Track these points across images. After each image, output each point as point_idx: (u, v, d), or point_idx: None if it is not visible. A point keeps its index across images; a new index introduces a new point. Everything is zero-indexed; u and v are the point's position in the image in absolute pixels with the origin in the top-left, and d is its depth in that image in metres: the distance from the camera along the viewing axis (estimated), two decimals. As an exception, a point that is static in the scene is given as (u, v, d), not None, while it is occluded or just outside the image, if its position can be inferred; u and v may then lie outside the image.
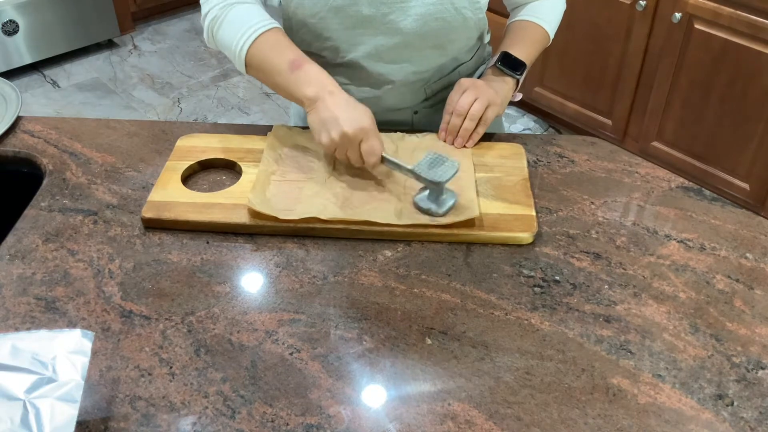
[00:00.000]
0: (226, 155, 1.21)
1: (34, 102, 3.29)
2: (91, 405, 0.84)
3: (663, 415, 0.82)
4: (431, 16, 1.16)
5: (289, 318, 0.94)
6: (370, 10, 1.15)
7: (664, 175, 1.20)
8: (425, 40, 1.19)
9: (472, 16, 1.19)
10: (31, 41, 3.38)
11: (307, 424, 0.81)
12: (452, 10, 1.17)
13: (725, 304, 0.96)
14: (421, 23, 1.16)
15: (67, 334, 0.77)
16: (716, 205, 1.13)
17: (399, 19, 1.16)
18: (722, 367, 0.88)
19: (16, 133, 1.29)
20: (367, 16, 1.16)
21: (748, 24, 2.21)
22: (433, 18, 1.16)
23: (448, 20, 1.17)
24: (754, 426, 0.81)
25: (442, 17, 1.17)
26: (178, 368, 0.88)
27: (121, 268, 1.02)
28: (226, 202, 1.10)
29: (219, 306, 0.96)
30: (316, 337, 0.92)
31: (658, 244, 1.06)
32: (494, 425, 0.81)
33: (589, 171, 1.20)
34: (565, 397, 0.84)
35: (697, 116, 2.46)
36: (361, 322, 0.94)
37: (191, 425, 0.81)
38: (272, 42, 1.14)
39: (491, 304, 0.96)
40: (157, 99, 3.35)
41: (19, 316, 0.95)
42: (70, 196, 1.15)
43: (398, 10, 1.15)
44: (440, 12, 1.16)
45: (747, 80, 2.27)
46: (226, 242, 1.06)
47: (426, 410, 0.83)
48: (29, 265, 1.02)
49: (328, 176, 1.15)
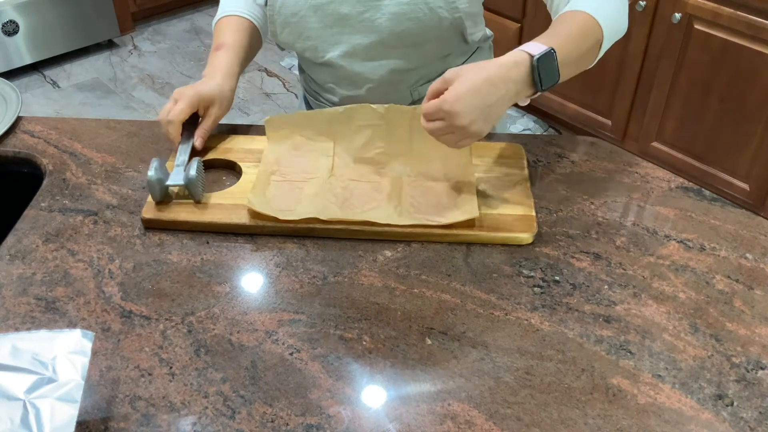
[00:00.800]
0: (226, 155, 1.21)
1: (34, 102, 3.30)
2: (91, 405, 0.84)
3: (663, 416, 0.82)
4: (404, 16, 1.15)
5: (289, 318, 0.95)
6: (347, 8, 1.17)
7: (663, 175, 1.20)
8: (400, 39, 1.18)
9: (448, 15, 1.16)
10: (31, 41, 3.39)
11: (307, 425, 0.81)
12: (426, 9, 1.15)
13: (725, 305, 0.96)
14: (395, 22, 1.16)
15: (67, 335, 0.77)
16: (716, 206, 1.13)
17: (374, 17, 1.16)
18: (722, 367, 0.88)
19: (16, 133, 1.29)
20: (344, 14, 1.17)
21: (748, 24, 2.21)
22: (406, 17, 1.15)
23: (422, 19, 1.16)
24: (753, 426, 0.81)
25: (416, 16, 1.15)
26: (178, 368, 0.88)
27: (121, 268, 1.02)
28: (226, 203, 1.10)
29: (219, 306, 0.96)
30: (316, 338, 0.92)
31: (657, 245, 1.06)
32: (494, 425, 0.81)
33: (589, 171, 1.20)
34: (565, 398, 0.84)
35: (696, 116, 2.46)
36: (361, 323, 0.94)
37: (191, 425, 0.81)
38: (224, 26, 1.29)
39: (491, 304, 0.96)
40: (157, 99, 3.35)
41: (19, 316, 0.95)
42: (70, 197, 1.15)
43: (373, 8, 1.16)
44: (414, 11, 1.15)
45: (747, 80, 2.27)
46: (226, 242, 1.06)
47: (426, 410, 0.83)
48: (29, 265, 1.02)
49: (329, 176, 1.15)
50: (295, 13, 1.19)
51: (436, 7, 1.15)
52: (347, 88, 1.28)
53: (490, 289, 0.99)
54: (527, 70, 0.97)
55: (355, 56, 1.22)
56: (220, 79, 1.21)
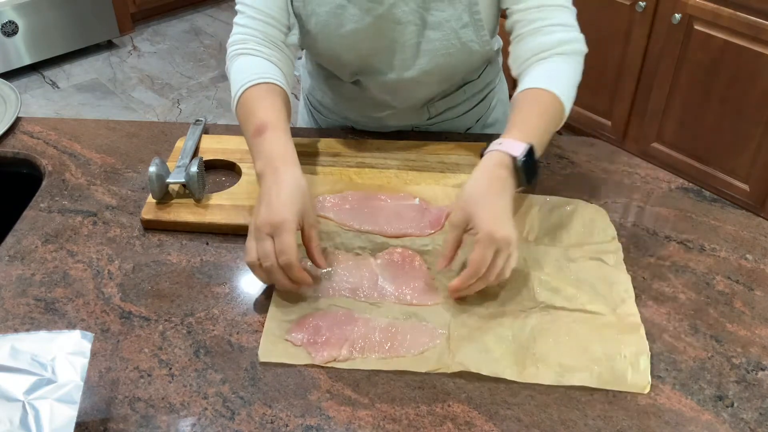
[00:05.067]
0: (226, 156, 1.21)
1: (34, 103, 3.29)
2: (91, 406, 0.83)
3: (663, 416, 0.82)
4: (437, 52, 1.12)
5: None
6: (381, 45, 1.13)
7: (663, 176, 1.19)
8: (432, 76, 1.15)
9: (479, 48, 1.13)
10: (30, 42, 3.38)
11: (307, 426, 0.81)
12: (458, 44, 1.11)
13: (725, 305, 0.96)
14: (427, 59, 1.12)
15: (66, 336, 0.76)
16: (716, 206, 1.13)
17: (407, 57, 1.13)
18: (722, 368, 0.88)
19: (16, 134, 1.29)
20: (379, 48, 1.14)
21: (748, 25, 2.21)
22: (440, 54, 1.12)
23: (454, 55, 1.12)
24: (754, 427, 0.81)
25: (448, 52, 1.12)
26: (178, 369, 0.88)
27: (121, 269, 1.02)
28: (225, 203, 1.10)
29: (218, 307, 0.96)
30: (316, 338, 0.92)
31: (657, 245, 1.06)
32: (494, 426, 0.81)
33: (589, 172, 1.20)
34: (565, 399, 0.84)
35: (696, 117, 2.46)
36: (360, 323, 0.94)
37: (190, 426, 0.81)
38: (253, 98, 1.06)
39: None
40: (156, 100, 3.35)
41: (19, 317, 0.94)
42: (69, 197, 1.15)
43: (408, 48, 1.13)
44: (446, 47, 1.11)
45: (747, 81, 2.27)
46: (225, 243, 1.06)
47: (426, 411, 0.83)
48: (28, 266, 1.02)
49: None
50: (329, 48, 1.14)
51: (468, 42, 1.11)
52: (367, 110, 1.25)
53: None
54: (513, 172, 0.97)
55: (384, 88, 1.19)
56: (291, 172, 0.98)
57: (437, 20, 1.09)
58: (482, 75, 1.29)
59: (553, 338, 0.90)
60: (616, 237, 1.05)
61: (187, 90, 3.42)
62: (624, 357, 0.87)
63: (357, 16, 1.08)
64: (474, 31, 1.10)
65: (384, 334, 0.91)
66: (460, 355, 0.88)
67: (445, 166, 1.18)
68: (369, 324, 0.92)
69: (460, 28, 1.10)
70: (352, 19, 1.09)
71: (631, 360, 0.87)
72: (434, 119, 1.29)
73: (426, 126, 1.30)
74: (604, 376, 0.85)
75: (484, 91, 1.31)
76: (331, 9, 1.09)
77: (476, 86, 1.29)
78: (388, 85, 1.17)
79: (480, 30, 1.11)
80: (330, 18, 1.10)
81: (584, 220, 1.07)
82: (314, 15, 1.11)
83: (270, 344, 0.90)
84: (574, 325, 0.92)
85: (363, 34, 1.10)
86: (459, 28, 1.10)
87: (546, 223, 1.06)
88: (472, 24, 1.10)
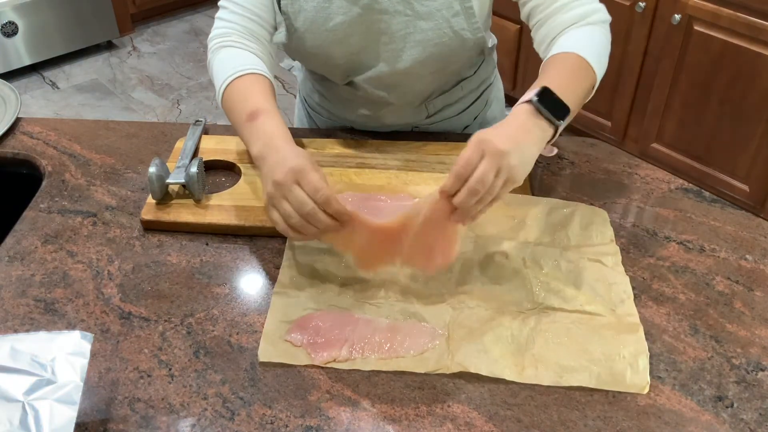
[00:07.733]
0: (226, 156, 1.21)
1: (33, 103, 3.29)
2: (90, 407, 0.83)
3: (663, 417, 0.82)
4: (430, 42, 1.12)
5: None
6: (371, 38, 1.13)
7: (663, 176, 1.19)
8: (425, 67, 1.16)
9: (471, 36, 1.13)
10: (30, 42, 3.38)
11: (307, 426, 0.81)
12: (451, 33, 1.12)
13: (725, 306, 0.96)
14: (420, 49, 1.13)
15: (66, 336, 0.76)
16: (716, 207, 1.13)
17: (398, 48, 1.14)
18: (722, 368, 0.88)
19: (15, 134, 1.29)
20: (368, 41, 1.14)
21: (748, 25, 2.21)
22: (432, 44, 1.12)
23: (447, 44, 1.13)
24: (754, 428, 0.81)
25: (441, 41, 1.12)
26: (178, 370, 0.88)
27: (121, 269, 1.02)
28: (225, 204, 1.10)
29: (218, 308, 0.96)
30: (316, 339, 0.92)
31: (657, 246, 1.06)
32: (494, 427, 0.81)
33: (588, 173, 1.20)
34: (565, 399, 0.84)
35: (696, 118, 2.46)
36: (360, 324, 0.94)
37: (190, 427, 0.81)
38: (242, 88, 1.07)
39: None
40: (156, 100, 3.35)
41: (18, 317, 0.94)
42: (69, 198, 1.15)
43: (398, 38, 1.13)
44: (439, 37, 1.12)
45: (746, 81, 2.27)
46: (225, 244, 1.06)
47: (425, 412, 0.83)
48: (28, 266, 1.02)
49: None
50: (318, 46, 1.14)
51: (459, 30, 1.12)
52: (365, 108, 1.25)
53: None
54: (536, 114, 0.94)
55: (378, 83, 1.19)
56: (291, 146, 0.98)
57: (428, 10, 1.10)
58: (478, 71, 1.30)
59: (553, 339, 0.90)
60: (614, 240, 1.05)
61: (186, 90, 3.42)
62: (623, 357, 0.87)
63: (344, 8, 1.10)
64: (465, 19, 1.11)
65: (384, 335, 0.91)
66: (460, 356, 0.88)
67: (445, 167, 1.18)
68: (369, 324, 0.92)
69: (451, 17, 1.11)
70: (340, 12, 1.10)
71: (630, 360, 0.87)
72: (433, 117, 1.29)
73: (425, 125, 1.30)
74: (603, 377, 0.86)
75: (481, 87, 1.33)
76: (319, 3, 1.10)
77: (473, 82, 1.30)
78: (382, 79, 1.18)
79: (471, 17, 1.12)
80: (317, 12, 1.11)
81: (583, 223, 1.07)
82: (302, 11, 1.12)
83: (270, 345, 0.90)
84: (573, 325, 0.92)
85: (351, 26, 1.11)
86: (450, 16, 1.11)
87: (545, 225, 1.07)
88: (463, 12, 1.11)
